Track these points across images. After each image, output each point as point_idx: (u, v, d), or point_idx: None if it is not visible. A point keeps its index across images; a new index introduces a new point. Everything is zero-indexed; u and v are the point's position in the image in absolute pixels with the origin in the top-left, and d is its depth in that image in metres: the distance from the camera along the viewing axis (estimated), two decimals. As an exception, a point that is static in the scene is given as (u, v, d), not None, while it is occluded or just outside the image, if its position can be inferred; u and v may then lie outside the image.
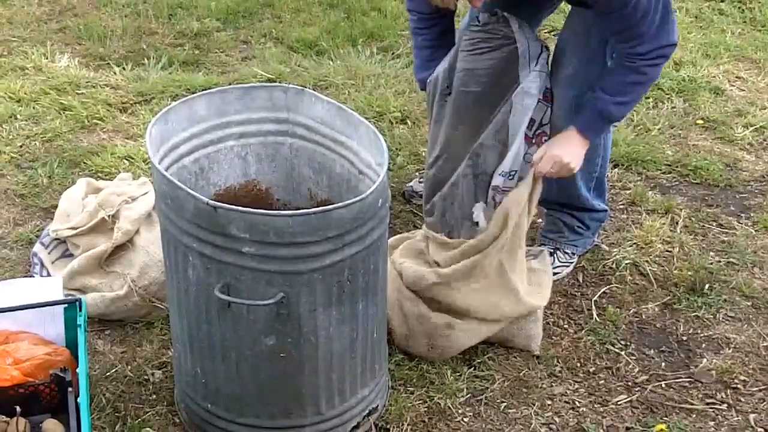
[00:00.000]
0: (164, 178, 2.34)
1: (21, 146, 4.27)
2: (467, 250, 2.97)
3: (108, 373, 2.95)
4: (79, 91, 4.81)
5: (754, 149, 4.46)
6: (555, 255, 3.48)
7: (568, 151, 2.97)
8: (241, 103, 2.73)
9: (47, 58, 5.20)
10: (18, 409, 2.58)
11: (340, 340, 2.49)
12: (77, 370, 2.59)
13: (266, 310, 2.34)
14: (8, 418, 2.59)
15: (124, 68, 5.13)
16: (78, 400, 2.48)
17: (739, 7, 6.10)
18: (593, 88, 2.93)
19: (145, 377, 2.94)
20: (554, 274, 3.44)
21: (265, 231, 2.24)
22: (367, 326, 2.55)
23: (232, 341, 2.44)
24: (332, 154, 2.74)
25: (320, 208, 2.26)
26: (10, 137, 4.33)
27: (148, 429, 2.73)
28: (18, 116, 4.53)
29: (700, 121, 4.69)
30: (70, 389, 2.58)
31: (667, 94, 4.94)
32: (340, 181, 2.75)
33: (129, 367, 2.98)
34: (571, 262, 3.51)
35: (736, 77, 5.24)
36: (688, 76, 5.12)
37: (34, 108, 4.61)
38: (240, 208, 2.24)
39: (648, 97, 4.88)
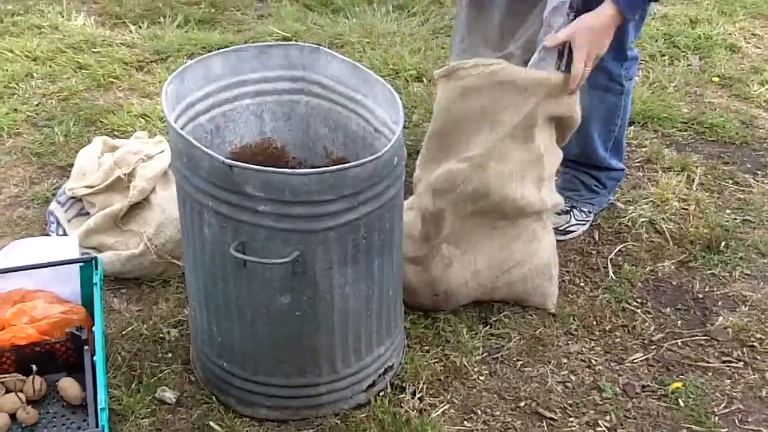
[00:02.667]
0: (180, 136, 2.34)
1: (37, 105, 4.28)
2: None
3: (124, 332, 2.95)
4: (95, 50, 4.82)
5: (771, 106, 4.44)
6: (571, 213, 3.47)
7: (597, 33, 2.76)
8: (256, 61, 2.72)
9: (63, 17, 5.21)
10: (34, 367, 2.59)
11: (356, 298, 2.49)
12: (93, 329, 2.60)
13: (282, 268, 2.34)
14: (25, 377, 2.61)
15: (140, 27, 5.13)
16: (94, 358, 2.49)
17: (755, -36, 6.03)
18: None
19: (161, 335, 2.95)
20: (570, 232, 3.45)
21: (281, 189, 2.23)
22: (382, 284, 2.55)
23: (247, 299, 2.45)
24: (348, 112, 2.73)
25: (336, 167, 2.26)
26: (27, 96, 4.34)
27: (164, 387, 2.74)
28: (34, 75, 4.54)
29: (716, 79, 4.67)
30: (86, 348, 2.59)
31: (682, 51, 4.92)
32: (355, 139, 2.74)
33: (145, 325, 2.98)
34: (587, 221, 3.50)
35: (752, 34, 5.22)
36: (704, 33, 5.09)
37: (50, 66, 4.62)
38: (255, 166, 2.24)
39: (663, 55, 4.87)
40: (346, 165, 2.26)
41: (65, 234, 3.25)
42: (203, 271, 2.50)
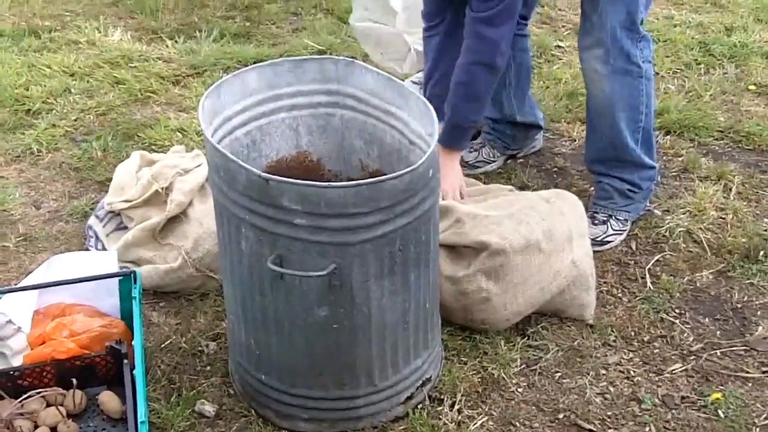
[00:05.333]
0: (216, 150, 2.35)
1: (75, 120, 4.34)
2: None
3: (163, 345, 2.98)
4: (132, 65, 4.89)
5: (808, 115, 4.42)
6: (608, 223, 3.47)
7: (446, 178, 3.19)
8: (292, 75, 2.73)
9: (100, 32, 5.30)
10: (74, 381, 2.61)
11: (393, 310, 2.50)
12: (132, 343, 2.62)
13: (318, 281, 2.35)
14: (65, 391, 2.63)
15: (176, 41, 5.20)
16: (134, 372, 2.51)
17: (792, -31, 6.01)
18: None
19: (200, 348, 2.97)
20: (607, 242, 3.45)
21: (317, 203, 2.24)
22: (419, 296, 2.55)
23: (284, 312, 2.46)
24: (382, 124, 2.74)
25: (372, 179, 2.27)
26: (65, 111, 4.41)
27: (203, 400, 2.75)
28: (72, 90, 4.61)
29: (752, 87, 4.66)
30: (125, 361, 2.61)
31: (718, 59, 4.91)
32: (390, 152, 2.75)
33: (183, 338, 3.00)
34: (624, 230, 3.50)
35: (789, 42, 5.19)
36: (739, 41, 5.09)
37: (88, 82, 4.70)
38: (292, 180, 2.25)
39: (699, 63, 4.87)
40: (382, 177, 2.26)
41: (104, 248, 3.28)
42: (241, 284, 2.52)
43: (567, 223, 3.00)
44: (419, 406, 2.75)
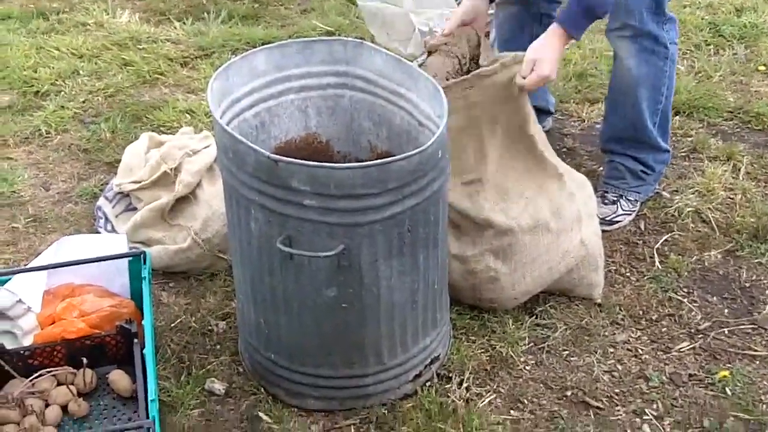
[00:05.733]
0: (225, 132, 2.36)
1: (84, 102, 4.35)
2: None
3: (173, 324, 2.99)
4: (140, 47, 4.90)
5: (818, 95, 4.41)
6: (618, 203, 3.47)
7: (548, 54, 2.88)
8: (300, 57, 2.73)
9: (108, 14, 5.30)
10: (85, 360, 2.63)
11: (402, 290, 2.51)
12: (142, 322, 2.63)
13: (327, 261, 2.36)
14: (75, 370, 2.65)
15: (184, 23, 5.21)
16: (143, 351, 2.53)
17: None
18: None
19: (209, 328, 2.98)
20: (616, 222, 3.46)
21: (326, 184, 2.25)
22: (428, 277, 2.56)
23: (294, 292, 2.47)
24: (391, 106, 2.74)
25: (381, 161, 2.27)
26: (73, 93, 4.41)
27: (212, 378, 2.77)
28: (80, 72, 4.62)
29: (762, 68, 4.64)
30: (135, 340, 2.63)
31: (728, 40, 4.90)
32: (399, 133, 2.75)
33: (193, 318, 3.02)
34: (634, 210, 3.51)
35: (799, 22, 5.17)
36: (749, 21, 5.06)
37: (96, 64, 4.70)
38: (301, 161, 2.25)
39: (709, 44, 4.85)
40: (391, 159, 2.27)
41: (113, 229, 3.29)
42: (250, 265, 2.53)
43: (576, 203, 2.99)
44: (428, 384, 2.77)
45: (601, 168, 3.68)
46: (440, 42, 3.05)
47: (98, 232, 3.34)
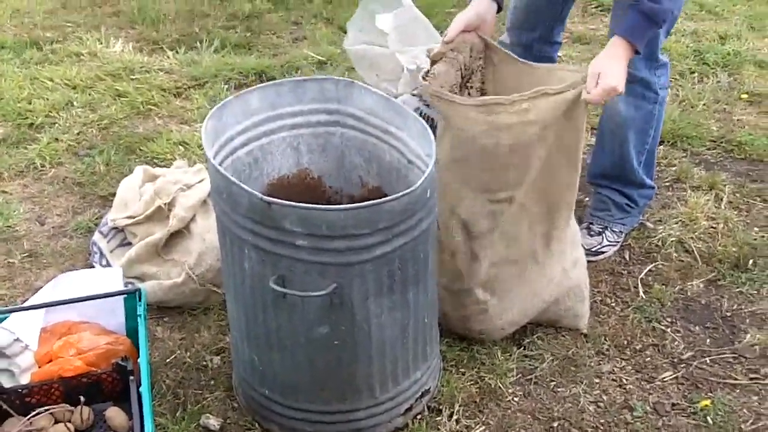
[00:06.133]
0: (219, 173, 2.42)
1: (78, 134, 4.41)
2: None
3: (168, 360, 3.05)
4: (134, 77, 4.96)
5: (798, 122, 4.50)
6: (603, 234, 3.56)
7: (613, 71, 2.81)
8: (292, 95, 2.80)
9: (102, 44, 5.37)
10: (82, 398, 2.67)
11: (393, 327, 2.57)
12: (138, 360, 2.68)
13: (320, 300, 2.42)
14: (73, 407, 2.69)
15: (177, 52, 5.29)
16: (140, 390, 2.58)
17: (785, -24, 6.10)
18: None
19: (204, 363, 3.03)
20: (601, 252, 3.54)
21: (318, 225, 2.31)
22: (418, 313, 2.63)
23: (287, 330, 2.53)
24: (382, 143, 2.81)
25: (371, 202, 2.33)
26: (68, 125, 4.48)
27: (207, 414, 2.82)
28: (74, 103, 4.68)
29: (744, 96, 4.75)
30: (131, 378, 2.67)
31: (712, 68, 5.00)
32: (389, 169, 2.82)
33: (188, 353, 3.07)
34: (618, 241, 3.58)
35: (781, 49, 5.28)
36: (733, 50, 5.17)
37: (90, 95, 4.77)
38: (293, 203, 2.31)
39: (693, 72, 4.95)
40: (381, 200, 2.33)
41: (108, 264, 3.34)
42: (244, 303, 2.59)
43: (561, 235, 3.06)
44: (418, 417, 2.82)
45: (588, 198, 3.75)
46: (444, 50, 3.02)
47: (93, 267, 3.39)
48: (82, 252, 3.55)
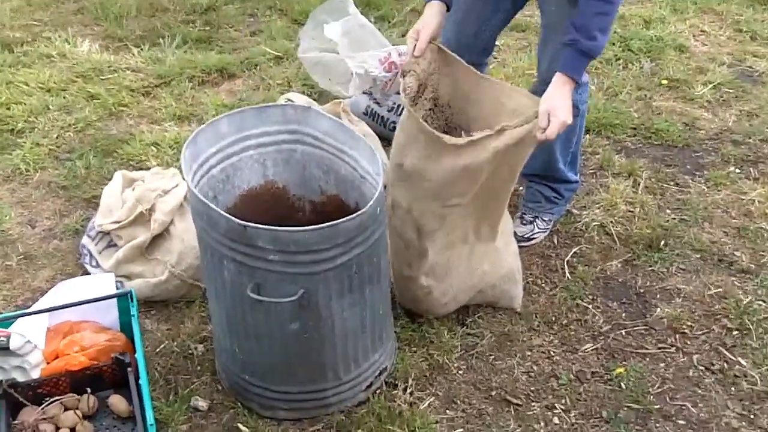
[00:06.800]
0: (200, 200, 2.84)
1: (57, 137, 4.71)
2: None
3: (158, 350, 3.42)
4: (103, 77, 5.26)
5: (711, 107, 4.92)
6: (534, 223, 4.00)
7: (565, 107, 3.07)
8: (257, 119, 3.21)
9: (70, 44, 5.64)
10: (88, 389, 3.08)
11: (352, 319, 3.01)
12: (134, 354, 3.11)
13: (291, 303, 2.85)
14: (79, 396, 3.10)
15: (141, 49, 5.58)
16: (138, 381, 2.99)
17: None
18: (566, 31, 3.10)
19: (190, 351, 3.40)
20: (533, 239, 3.98)
21: (287, 243, 2.74)
22: (374, 306, 3.07)
23: (263, 327, 2.97)
24: (337, 159, 3.23)
25: (330, 223, 2.74)
26: (46, 129, 4.77)
27: (196, 396, 3.21)
28: (50, 107, 4.97)
29: (665, 81, 5.12)
30: (129, 369, 3.09)
31: (636, 54, 5.35)
32: (345, 180, 3.25)
33: (175, 342, 3.44)
34: (548, 228, 4.03)
35: (701, 31, 5.67)
36: (656, 35, 5.51)
37: (64, 98, 5.06)
38: (265, 226, 2.73)
39: (618, 59, 5.31)
40: (338, 221, 2.74)
41: (98, 264, 3.74)
42: (225, 306, 3.03)
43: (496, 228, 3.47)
44: (378, 392, 3.23)
45: (522, 188, 4.17)
46: (413, 62, 3.21)
47: (84, 268, 3.78)
48: (72, 252, 3.89)
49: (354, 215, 2.78)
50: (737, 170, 4.46)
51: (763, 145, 4.65)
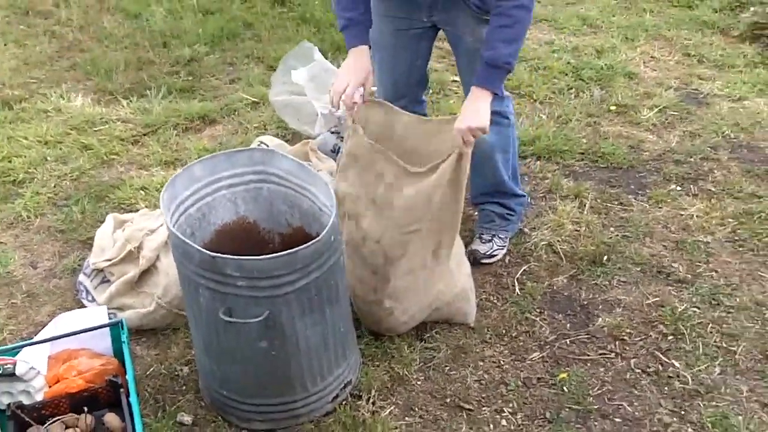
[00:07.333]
0: (177, 236, 3.20)
1: (55, 186, 5.03)
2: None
3: (147, 372, 3.68)
4: (96, 128, 5.59)
5: (657, 129, 5.23)
6: (493, 241, 4.30)
7: (478, 114, 3.31)
8: (228, 163, 3.56)
9: (64, 99, 5.98)
10: (86, 408, 3.39)
11: (315, 337, 3.34)
12: (126, 376, 3.45)
13: (257, 324, 3.18)
14: (78, 415, 3.35)
15: (130, 101, 5.91)
16: (129, 400, 3.32)
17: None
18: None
19: (176, 373, 3.66)
20: (494, 256, 4.29)
21: (251, 270, 3.08)
22: (335, 325, 3.40)
23: (236, 346, 3.30)
24: (300, 195, 3.57)
25: (288, 251, 3.09)
26: (45, 179, 5.09)
27: (183, 413, 3.45)
28: (48, 158, 5.29)
29: (613, 107, 5.40)
30: (122, 390, 3.41)
31: (587, 83, 5.66)
32: (308, 213, 3.59)
33: (162, 366, 3.70)
34: (506, 245, 4.33)
35: (651, 57, 5.97)
36: (606, 64, 5.80)
37: (60, 149, 5.37)
38: (232, 256, 3.08)
39: (570, 88, 5.60)
40: (295, 249, 3.09)
41: (94, 299, 4.10)
42: (202, 329, 3.38)
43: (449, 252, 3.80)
44: (344, 403, 3.48)
45: (476, 213, 4.48)
46: (355, 111, 3.56)
47: (81, 302, 4.13)
48: (70, 290, 4.17)
49: (309, 243, 3.14)
50: (678, 188, 4.76)
51: (703, 163, 4.96)
